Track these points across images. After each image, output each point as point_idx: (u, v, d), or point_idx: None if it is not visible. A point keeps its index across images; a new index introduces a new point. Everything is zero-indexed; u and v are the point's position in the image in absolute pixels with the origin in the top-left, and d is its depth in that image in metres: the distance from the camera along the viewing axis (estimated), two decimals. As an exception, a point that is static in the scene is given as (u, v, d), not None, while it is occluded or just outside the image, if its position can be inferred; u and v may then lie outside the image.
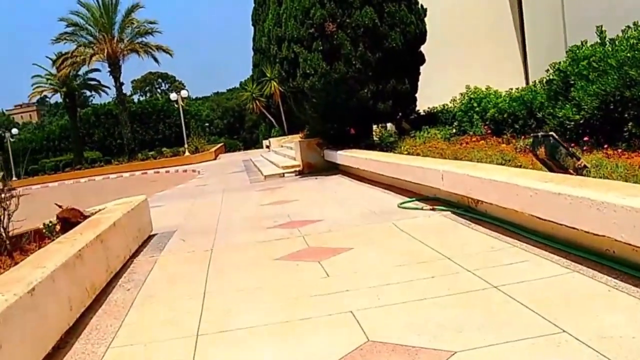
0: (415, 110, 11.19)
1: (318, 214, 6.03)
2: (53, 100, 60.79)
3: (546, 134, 4.26)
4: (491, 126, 8.75)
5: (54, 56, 38.50)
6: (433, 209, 5.36)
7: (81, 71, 40.37)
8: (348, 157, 9.37)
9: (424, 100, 11.43)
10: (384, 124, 12.37)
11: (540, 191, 3.39)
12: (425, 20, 10.46)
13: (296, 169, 11.91)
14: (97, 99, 71.95)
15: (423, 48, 10.59)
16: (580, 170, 4.09)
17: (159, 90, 75.67)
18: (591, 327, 2.30)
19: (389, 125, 12.11)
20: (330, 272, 3.65)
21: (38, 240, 4.64)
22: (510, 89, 9.30)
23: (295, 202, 7.45)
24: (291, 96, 11.21)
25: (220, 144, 42.09)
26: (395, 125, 11.24)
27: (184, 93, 38.92)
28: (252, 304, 3.24)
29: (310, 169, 11.51)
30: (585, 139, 6.09)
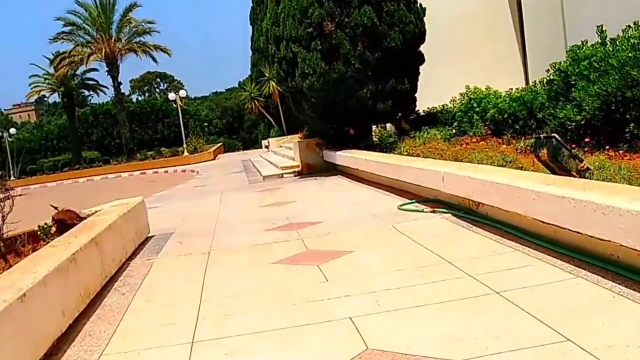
0: (415, 110, 11.13)
1: (317, 216, 5.97)
2: (52, 100, 60.88)
3: (549, 135, 4.20)
4: (491, 127, 8.69)
5: (51, 56, 38.48)
6: (434, 212, 5.30)
7: (79, 71, 40.33)
8: (348, 158, 9.31)
9: (424, 101, 11.37)
10: (383, 125, 12.32)
11: (543, 194, 3.32)
12: (424, 20, 10.41)
13: (295, 169, 11.84)
14: (96, 99, 71.78)
15: (422, 48, 10.53)
16: (583, 173, 4.03)
17: (157, 90, 75.61)
18: (597, 336, 2.24)
19: (389, 125, 12.06)
20: (329, 277, 3.59)
21: (33, 242, 4.58)
22: (510, 90, 9.24)
23: (294, 204, 7.39)
24: (290, 96, 11.14)
25: (220, 144, 42.00)
26: (395, 125, 11.18)
27: (182, 93, 38.83)
28: (250, 309, 3.18)
29: (310, 169, 11.45)
30: (586, 140, 6.03)
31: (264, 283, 3.69)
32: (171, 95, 38.58)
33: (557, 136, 4.15)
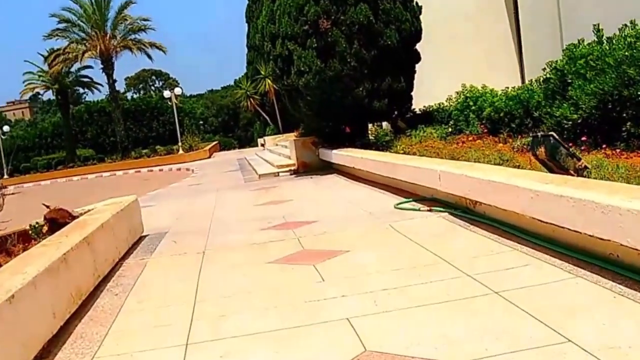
0: (411, 108, 11.09)
1: (313, 215, 5.92)
2: (46, 97, 60.53)
3: (546, 134, 4.16)
4: (487, 125, 8.66)
5: (45, 52, 38.22)
6: (430, 210, 5.26)
7: (73, 68, 40.10)
8: (343, 156, 9.27)
9: (420, 99, 11.34)
10: (379, 123, 12.27)
11: (541, 193, 3.28)
12: (420, 18, 10.36)
13: (291, 168, 11.79)
14: (90, 96, 71.56)
15: (418, 46, 10.49)
16: (581, 171, 3.99)
17: (152, 87, 75.33)
18: (598, 337, 2.20)
19: (385, 124, 12.02)
20: (326, 276, 3.54)
21: (24, 242, 4.51)
22: (506, 88, 9.21)
23: (290, 202, 7.34)
24: (286, 94, 11.08)
25: (215, 142, 41.87)
26: (391, 124, 11.14)
27: (177, 90, 38.63)
28: (245, 310, 3.13)
29: (305, 168, 11.40)
30: (583, 138, 6.00)
31: (260, 283, 3.64)
32: (166, 93, 38.38)
33: (555, 134, 4.11)
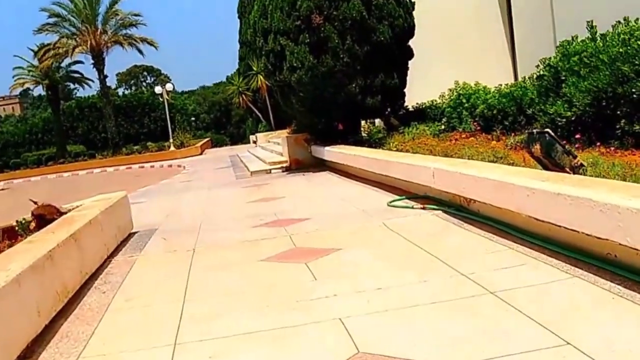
0: (403, 105, 11.04)
1: (305, 212, 5.85)
2: (36, 92, 59.97)
3: (541, 130, 4.10)
4: (480, 122, 8.63)
5: (35, 47, 37.86)
6: (424, 208, 5.20)
7: (64, 63, 39.74)
8: (336, 154, 9.20)
9: (412, 96, 11.28)
10: (372, 120, 12.21)
11: (537, 191, 3.23)
12: (413, 14, 10.30)
13: (283, 165, 11.72)
14: (81, 92, 70.97)
15: (411, 42, 10.43)
16: (576, 169, 3.94)
17: (144, 83, 74.89)
18: (598, 339, 2.14)
19: (377, 121, 11.96)
20: (318, 275, 3.47)
21: (10, 238, 4.41)
22: (499, 85, 9.18)
23: (282, 200, 7.27)
24: (278, 90, 10.99)
25: (207, 139, 41.66)
26: (384, 121, 11.09)
27: (169, 86, 38.33)
28: (235, 309, 3.05)
29: (298, 165, 11.33)
30: (576, 136, 5.97)
31: (251, 281, 3.57)
32: (157, 89, 38.09)
33: (550, 131, 4.05)
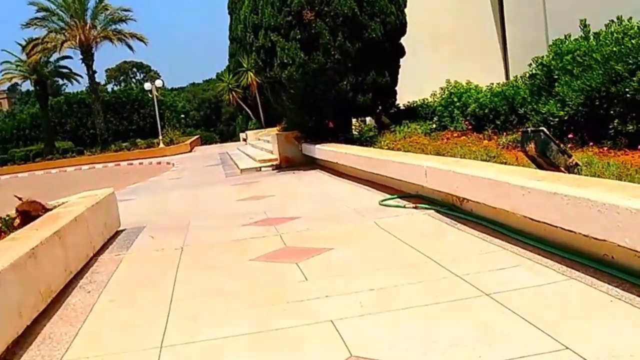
0: (395, 104, 10.98)
1: (296, 211, 5.77)
2: (25, 88, 59.36)
3: (536, 129, 4.05)
4: (472, 122, 8.59)
5: (24, 42, 37.44)
6: (416, 207, 5.14)
7: (52, 58, 39.31)
8: (327, 152, 9.12)
9: (404, 94, 11.23)
10: (363, 118, 12.15)
11: (533, 190, 3.17)
12: (405, 12, 10.24)
13: (273, 163, 11.62)
14: (70, 87, 70.43)
15: (403, 40, 10.37)
16: (571, 168, 3.89)
17: (133, 80, 74.36)
18: (597, 344, 2.08)
19: (368, 119, 11.89)
20: (309, 275, 3.40)
21: (-7, 236, 4.30)
22: (491, 84, 9.15)
23: (272, 198, 7.18)
24: (268, 87, 10.89)
25: (196, 136, 41.43)
26: (375, 119, 11.02)
27: (158, 83, 38.04)
28: (223, 311, 2.97)
29: (288, 163, 11.23)
30: (569, 135, 5.93)
31: (240, 281, 3.48)
32: (147, 85, 37.87)
33: (545, 130, 4.01)
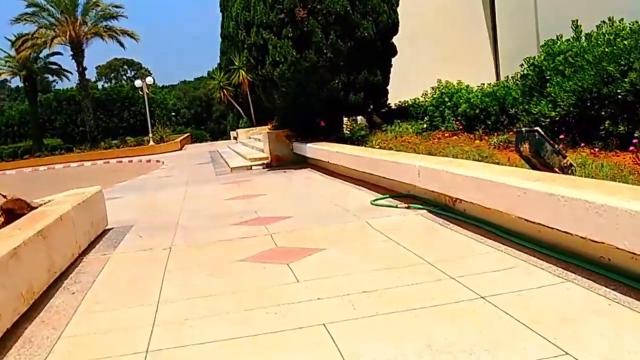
0: (386, 103, 10.94)
1: (287, 210, 5.69)
2: (14, 84, 58.81)
3: (531, 129, 4.00)
4: (463, 122, 8.56)
5: (13, 37, 37.08)
6: (408, 207, 5.08)
7: (42, 54, 38.99)
8: (318, 150, 9.05)
9: (395, 94, 11.19)
10: (354, 117, 12.10)
11: (529, 191, 3.11)
12: (397, 11, 10.20)
13: (264, 161, 11.55)
14: (60, 84, 69.72)
15: (394, 40, 10.33)
16: (566, 169, 3.85)
17: (124, 77, 73.87)
18: (598, 349, 2.02)
19: (360, 118, 11.84)
20: (300, 277, 3.32)
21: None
22: (482, 84, 9.13)
23: (263, 197, 7.09)
24: (260, 85, 10.81)
25: (187, 134, 41.24)
26: (366, 118, 10.97)
27: (149, 80, 37.88)
28: (213, 313, 2.88)
29: (279, 161, 11.16)
30: (560, 136, 5.90)
31: (230, 283, 3.40)
32: (137, 82, 37.62)
33: (540, 130, 3.96)
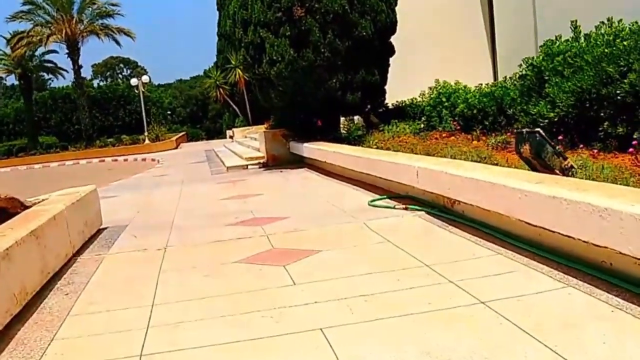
0: (384, 103, 10.89)
1: (283, 211, 5.64)
2: (9, 82, 58.57)
3: (532, 130, 3.96)
4: (460, 122, 8.53)
5: (9, 35, 36.89)
6: (406, 208, 5.03)
7: (38, 52, 38.83)
8: (315, 150, 8.99)
9: (393, 93, 11.15)
10: (351, 117, 12.06)
11: (530, 193, 3.07)
12: (396, 10, 10.16)
13: (260, 160, 11.48)
14: (56, 82, 69.45)
15: (392, 39, 10.28)
16: (566, 171, 3.81)
17: (120, 75, 73.65)
18: (600, 356, 1.98)
19: (357, 118, 11.80)
20: (297, 279, 3.27)
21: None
22: (480, 85, 9.10)
23: (259, 197, 7.04)
24: (256, 84, 10.75)
25: (182, 133, 41.14)
26: (364, 118, 10.92)
27: (145, 78, 37.72)
28: (208, 316, 2.83)
29: (275, 161, 11.10)
30: (559, 137, 5.86)
31: (225, 285, 3.34)
32: (133, 81, 37.45)
33: (541, 131, 3.92)
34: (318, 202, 6.21)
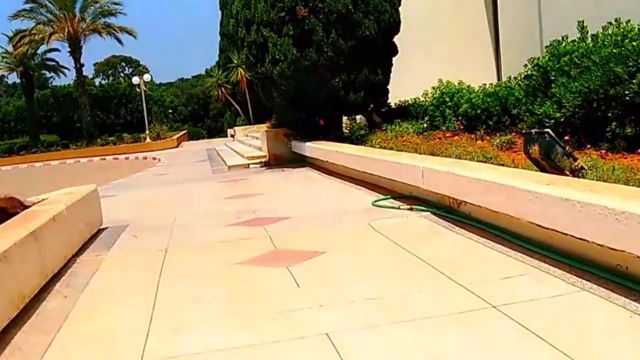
0: (386, 102, 10.83)
1: (286, 211, 5.56)
2: (11, 80, 58.60)
3: (541, 131, 3.88)
4: (463, 122, 8.45)
5: (11, 33, 36.89)
6: (411, 209, 4.95)
7: (40, 50, 38.91)
8: (317, 150, 8.92)
9: (395, 93, 11.08)
10: (353, 116, 11.99)
11: (542, 195, 2.99)
12: (399, 10, 10.09)
13: (262, 160, 11.42)
14: (57, 80, 69.44)
15: (395, 39, 10.21)
16: (577, 172, 3.73)
17: (122, 74, 73.65)
18: (620, 366, 1.91)
19: (359, 117, 11.72)
20: (301, 282, 3.19)
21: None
22: (483, 84, 9.02)
23: (261, 196, 6.96)
24: (259, 83, 10.68)
25: (184, 132, 41.09)
26: (366, 117, 10.85)
27: (146, 77, 37.67)
28: (209, 320, 2.75)
29: (277, 160, 11.03)
30: (565, 138, 5.78)
31: (227, 287, 3.27)
32: (135, 79, 37.44)
33: (550, 131, 3.84)
34: (321, 202, 6.14)
